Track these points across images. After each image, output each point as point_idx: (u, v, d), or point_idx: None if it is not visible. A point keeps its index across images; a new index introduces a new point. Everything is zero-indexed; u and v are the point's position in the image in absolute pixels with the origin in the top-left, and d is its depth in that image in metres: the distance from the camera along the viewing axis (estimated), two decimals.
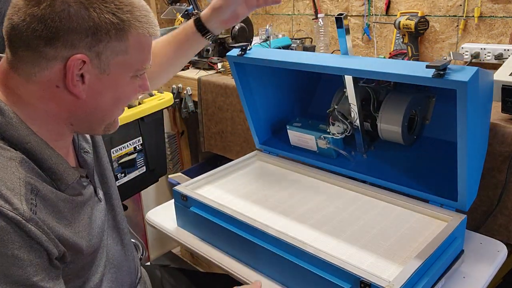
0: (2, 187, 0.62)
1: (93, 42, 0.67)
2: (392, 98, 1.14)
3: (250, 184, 1.21)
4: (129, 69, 0.73)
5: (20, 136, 0.68)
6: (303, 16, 2.10)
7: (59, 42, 0.65)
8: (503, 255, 0.97)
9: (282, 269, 0.91)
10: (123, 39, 0.70)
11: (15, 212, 0.61)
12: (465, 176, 0.90)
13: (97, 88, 0.71)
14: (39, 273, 0.64)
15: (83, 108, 0.72)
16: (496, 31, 1.50)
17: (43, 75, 0.68)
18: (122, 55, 0.71)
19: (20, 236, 0.62)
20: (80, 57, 0.67)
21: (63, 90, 0.69)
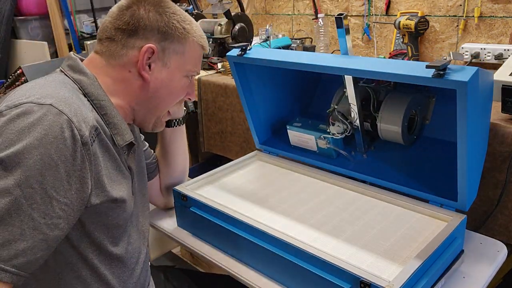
0: (80, 113, 0.75)
1: (161, 38, 0.87)
2: (392, 98, 1.14)
3: (250, 184, 1.21)
4: (183, 68, 0.92)
5: (98, 94, 0.85)
6: (303, 16, 2.10)
7: (137, 35, 0.86)
8: (503, 255, 0.97)
9: (282, 269, 0.91)
10: (182, 43, 0.90)
11: (80, 132, 0.73)
12: (465, 176, 0.90)
13: (159, 77, 0.89)
14: (65, 189, 0.72)
15: (145, 92, 0.89)
16: (496, 31, 1.50)
17: (121, 60, 0.87)
18: (180, 55, 0.91)
19: (70, 152, 0.72)
20: (151, 46, 0.86)
21: (134, 74, 0.88)
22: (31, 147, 0.68)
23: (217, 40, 1.94)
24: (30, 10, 2.22)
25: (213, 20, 2.02)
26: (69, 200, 0.72)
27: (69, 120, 0.72)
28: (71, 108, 0.74)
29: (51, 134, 0.70)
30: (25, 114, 0.70)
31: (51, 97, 0.74)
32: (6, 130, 0.70)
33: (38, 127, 0.70)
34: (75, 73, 0.86)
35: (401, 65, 0.90)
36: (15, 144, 0.68)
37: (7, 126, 0.70)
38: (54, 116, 0.71)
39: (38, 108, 0.71)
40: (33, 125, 0.70)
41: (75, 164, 0.72)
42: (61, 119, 0.71)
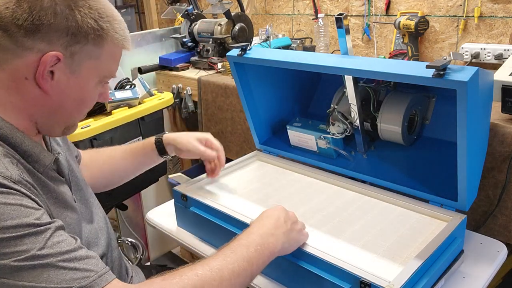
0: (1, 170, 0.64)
1: (70, 42, 0.71)
2: (392, 98, 1.14)
3: (250, 184, 1.20)
4: (97, 74, 0.77)
5: (4, 127, 0.71)
6: (303, 16, 2.10)
7: (38, 35, 0.68)
8: (503, 255, 0.97)
9: (282, 269, 0.91)
10: (99, 45, 0.74)
11: (3, 175, 0.65)
12: (465, 176, 0.90)
13: (64, 87, 0.73)
14: (34, 214, 0.65)
15: (47, 105, 0.74)
16: (496, 31, 1.50)
17: (15, 64, 0.70)
18: (95, 59, 0.75)
19: (13, 195, 0.64)
20: (55, 54, 0.69)
21: (31, 82, 0.71)
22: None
23: (217, 40, 1.94)
24: None
25: (213, 20, 2.02)
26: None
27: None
28: None
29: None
30: None
31: None
32: None
33: None
34: None
35: (401, 65, 0.90)
36: None
37: None
38: None
39: None
40: None
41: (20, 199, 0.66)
42: None
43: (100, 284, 0.64)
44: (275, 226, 0.82)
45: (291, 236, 0.84)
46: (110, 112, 1.50)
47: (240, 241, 0.77)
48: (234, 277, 0.71)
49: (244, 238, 0.78)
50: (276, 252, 0.80)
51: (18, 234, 0.62)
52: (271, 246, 0.78)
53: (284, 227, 0.83)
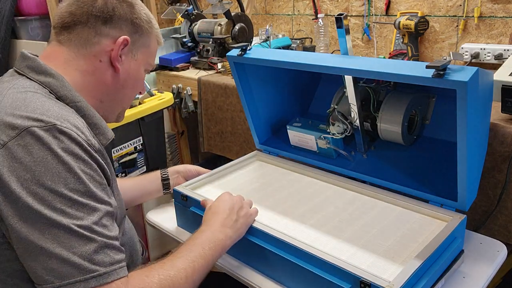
0: (73, 123, 0.75)
1: (133, 30, 0.88)
2: (392, 98, 1.14)
3: (250, 184, 1.20)
4: (146, 62, 0.94)
5: (72, 95, 0.82)
6: (303, 16, 2.11)
7: (112, 24, 0.85)
8: (503, 255, 0.97)
9: (281, 269, 0.91)
10: (149, 36, 0.92)
11: (89, 143, 0.75)
12: (465, 176, 0.90)
13: (128, 68, 0.90)
14: (100, 189, 0.75)
15: (114, 83, 0.89)
16: (496, 31, 1.50)
17: (93, 49, 0.85)
18: (146, 48, 0.92)
19: (88, 163, 0.74)
20: (126, 38, 0.86)
21: (105, 64, 0.87)
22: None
23: (217, 40, 1.94)
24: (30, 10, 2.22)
25: (213, 20, 2.02)
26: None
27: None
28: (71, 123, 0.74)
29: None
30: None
31: (48, 116, 0.72)
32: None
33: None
34: (39, 75, 0.81)
35: (401, 65, 0.90)
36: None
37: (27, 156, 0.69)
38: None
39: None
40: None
41: (94, 168, 0.76)
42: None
43: (119, 274, 0.71)
44: (222, 224, 0.91)
45: (237, 226, 0.93)
46: None
47: (196, 241, 0.86)
48: (195, 274, 0.81)
49: (199, 238, 0.87)
50: (227, 245, 0.90)
51: (82, 201, 0.70)
52: (222, 242, 0.88)
53: (230, 221, 0.92)
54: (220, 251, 0.88)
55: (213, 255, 0.86)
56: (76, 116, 0.79)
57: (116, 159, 1.55)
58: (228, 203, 0.95)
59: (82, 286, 0.67)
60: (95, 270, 0.68)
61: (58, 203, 0.68)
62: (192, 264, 0.81)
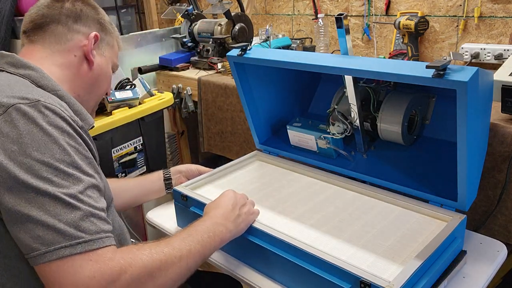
0: (57, 102, 0.79)
1: (100, 28, 0.96)
2: (392, 98, 1.14)
3: (250, 184, 1.21)
4: (112, 60, 1.01)
5: (53, 85, 0.85)
6: (303, 16, 2.11)
7: (81, 22, 0.93)
8: (503, 255, 0.97)
9: (281, 269, 0.91)
10: (112, 37, 1.01)
11: (72, 119, 0.78)
12: (465, 176, 0.90)
13: (99, 63, 0.96)
14: (85, 160, 0.77)
15: (90, 76, 0.95)
16: (496, 31, 1.50)
17: (67, 45, 0.91)
18: (112, 47, 1.01)
19: (73, 137, 0.76)
20: (97, 34, 0.94)
21: (79, 58, 0.93)
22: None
23: (217, 40, 1.94)
24: None
25: (213, 20, 2.02)
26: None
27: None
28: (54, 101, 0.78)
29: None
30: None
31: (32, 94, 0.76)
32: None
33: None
34: (18, 68, 0.85)
35: (401, 65, 0.90)
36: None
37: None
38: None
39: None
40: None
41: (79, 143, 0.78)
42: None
43: (105, 243, 0.72)
44: (224, 217, 0.92)
45: (239, 221, 0.94)
46: (111, 112, 1.50)
47: (196, 228, 0.87)
48: (190, 256, 0.81)
49: (199, 225, 0.88)
50: (226, 238, 0.91)
51: (68, 171, 0.72)
52: (221, 234, 0.89)
53: (232, 216, 0.93)
54: (218, 242, 0.88)
55: (211, 244, 0.86)
56: (59, 100, 0.82)
57: (116, 159, 1.55)
58: (232, 200, 0.96)
59: (67, 252, 0.68)
60: (81, 236, 0.70)
61: (44, 172, 0.70)
62: (189, 247, 0.81)
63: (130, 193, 1.19)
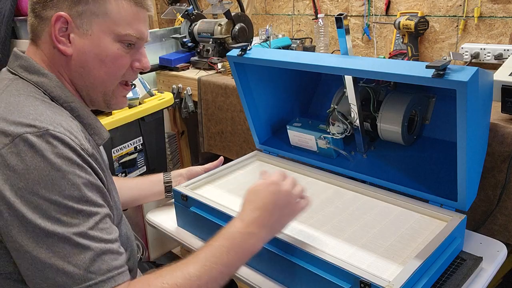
0: (67, 127, 0.72)
1: (73, 2, 0.77)
2: (392, 98, 1.14)
3: (250, 184, 1.19)
4: (110, 31, 0.79)
5: (66, 96, 0.79)
6: (303, 16, 2.11)
7: (50, 4, 0.77)
8: (503, 255, 0.97)
9: (282, 269, 0.91)
10: (101, 3, 0.78)
11: (82, 147, 0.72)
12: (465, 176, 0.90)
13: (81, 47, 0.79)
14: (96, 193, 0.72)
15: (73, 67, 0.80)
16: (496, 31, 1.50)
17: (43, 37, 0.80)
18: (102, 17, 0.78)
19: (83, 167, 0.71)
20: (61, 15, 0.76)
21: (56, 50, 0.79)
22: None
23: (217, 40, 1.94)
24: None
25: (213, 20, 2.02)
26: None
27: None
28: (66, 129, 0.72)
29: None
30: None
31: (41, 121, 0.70)
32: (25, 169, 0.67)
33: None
34: (32, 74, 0.79)
35: (401, 65, 0.90)
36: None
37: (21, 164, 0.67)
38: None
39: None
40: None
41: (88, 173, 0.73)
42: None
43: (117, 281, 0.69)
44: (259, 223, 0.80)
45: (276, 226, 0.82)
46: (111, 112, 1.50)
47: (222, 242, 0.76)
48: (211, 282, 0.73)
49: (226, 238, 0.77)
50: (257, 249, 0.80)
51: (77, 207, 0.68)
52: (252, 247, 0.79)
53: (270, 220, 0.81)
54: (248, 257, 0.79)
55: (239, 261, 0.77)
56: (70, 119, 0.77)
57: (116, 159, 1.55)
58: (274, 197, 0.82)
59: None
60: (91, 278, 0.67)
61: (53, 212, 0.67)
62: (210, 273, 0.73)
63: (130, 192, 1.17)
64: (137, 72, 0.87)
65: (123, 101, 0.88)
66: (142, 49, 0.86)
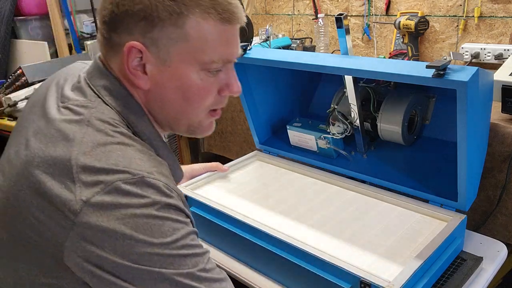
0: (159, 171, 0.63)
1: (147, 26, 0.63)
2: (392, 98, 1.14)
3: (250, 184, 1.20)
4: (193, 60, 0.66)
5: (150, 132, 0.69)
6: (303, 16, 2.10)
7: (121, 26, 0.64)
8: (503, 255, 0.97)
9: (282, 269, 0.91)
10: (178, 25, 0.63)
11: (177, 192, 0.64)
12: (465, 176, 0.90)
13: (159, 79, 0.67)
14: (193, 236, 0.64)
15: (152, 100, 0.69)
16: (496, 31, 1.50)
17: (115, 65, 0.68)
18: (182, 42, 0.64)
19: (180, 213, 0.63)
20: (134, 45, 0.64)
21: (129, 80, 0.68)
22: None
23: None
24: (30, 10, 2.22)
25: None
26: None
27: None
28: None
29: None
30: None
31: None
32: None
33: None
34: (117, 100, 0.67)
35: (401, 65, 0.90)
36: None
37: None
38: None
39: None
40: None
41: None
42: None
43: None
44: None
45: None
46: None
47: None
48: None
49: None
50: None
51: (182, 252, 0.61)
52: None
53: None
54: None
55: None
56: (158, 161, 0.67)
57: None
58: None
59: None
60: None
61: (157, 262, 0.59)
62: None
63: None
64: (226, 98, 0.76)
65: (210, 127, 0.77)
66: (232, 71, 0.74)
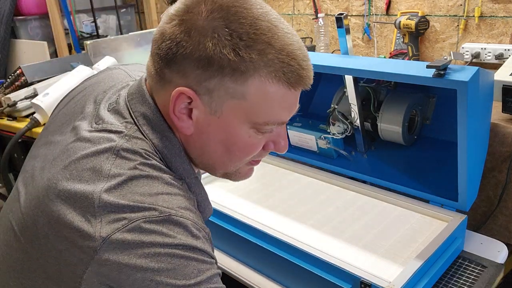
0: (186, 207, 0.60)
1: (204, 75, 0.58)
2: (393, 98, 1.14)
3: (250, 184, 1.20)
4: (246, 119, 0.61)
5: (184, 169, 0.65)
6: (303, 16, 2.10)
7: (175, 65, 0.59)
8: (503, 255, 0.97)
9: (282, 270, 0.90)
10: (239, 82, 0.58)
11: (205, 231, 0.61)
12: (466, 176, 0.90)
13: (205, 128, 0.63)
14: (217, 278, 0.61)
15: (193, 144, 0.66)
16: (496, 31, 1.50)
17: (160, 98, 0.63)
18: (238, 100, 0.59)
19: (205, 254, 0.60)
20: (185, 92, 0.59)
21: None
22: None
23: None
24: (30, 10, 2.22)
25: None
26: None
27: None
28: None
29: None
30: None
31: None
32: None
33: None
34: (154, 133, 0.63)
35: (402, 65, 0.90)
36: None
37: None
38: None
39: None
40: None
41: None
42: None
43: None
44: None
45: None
46: None
47: None
48: None
49: None
50: None
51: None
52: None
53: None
54: None
55: None
56: (187, 197, 0.63)
57: None
58: None
59: None
60: None
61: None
62: None
63: None
64: (268, 152, 0.71)
65: (248, 174, 0.74)
66: (282, 129, 0.68)
